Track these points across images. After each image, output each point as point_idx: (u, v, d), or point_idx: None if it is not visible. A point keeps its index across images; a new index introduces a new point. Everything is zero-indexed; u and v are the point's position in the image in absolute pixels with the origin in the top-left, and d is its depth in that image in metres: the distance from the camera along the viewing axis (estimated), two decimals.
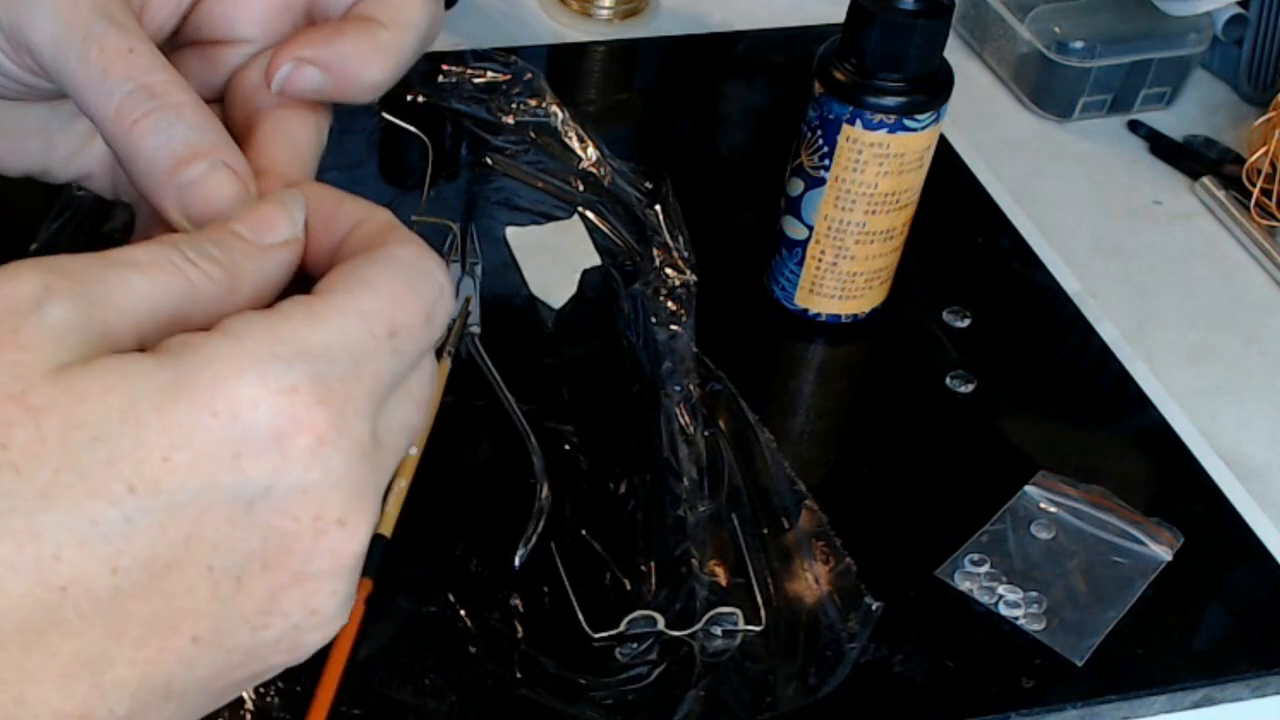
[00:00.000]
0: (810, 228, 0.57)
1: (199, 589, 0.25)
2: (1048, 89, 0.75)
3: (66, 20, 0.30)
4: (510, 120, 0.68)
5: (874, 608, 0.49)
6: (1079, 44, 0.73)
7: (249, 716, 0.44)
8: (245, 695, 0.44)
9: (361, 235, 0.30)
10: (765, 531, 0.52)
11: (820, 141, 0.55)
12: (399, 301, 0.28)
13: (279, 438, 0.25)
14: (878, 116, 0.53)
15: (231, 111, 0.36)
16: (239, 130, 0.36)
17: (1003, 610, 0.50)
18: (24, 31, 0.30)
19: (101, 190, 0.38)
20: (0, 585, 0.24)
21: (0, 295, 0.25)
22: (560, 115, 0.69)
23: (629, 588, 0.49)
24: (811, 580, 0.51)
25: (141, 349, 0.26)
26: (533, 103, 0.69)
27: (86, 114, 0.32)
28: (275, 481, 0.25)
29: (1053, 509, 0.54)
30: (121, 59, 0.31)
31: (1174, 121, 0.76)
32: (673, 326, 0.59)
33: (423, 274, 0.29)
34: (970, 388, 0.59)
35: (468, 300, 0.58)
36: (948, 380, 0.59)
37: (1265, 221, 0.69)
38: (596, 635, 0.48)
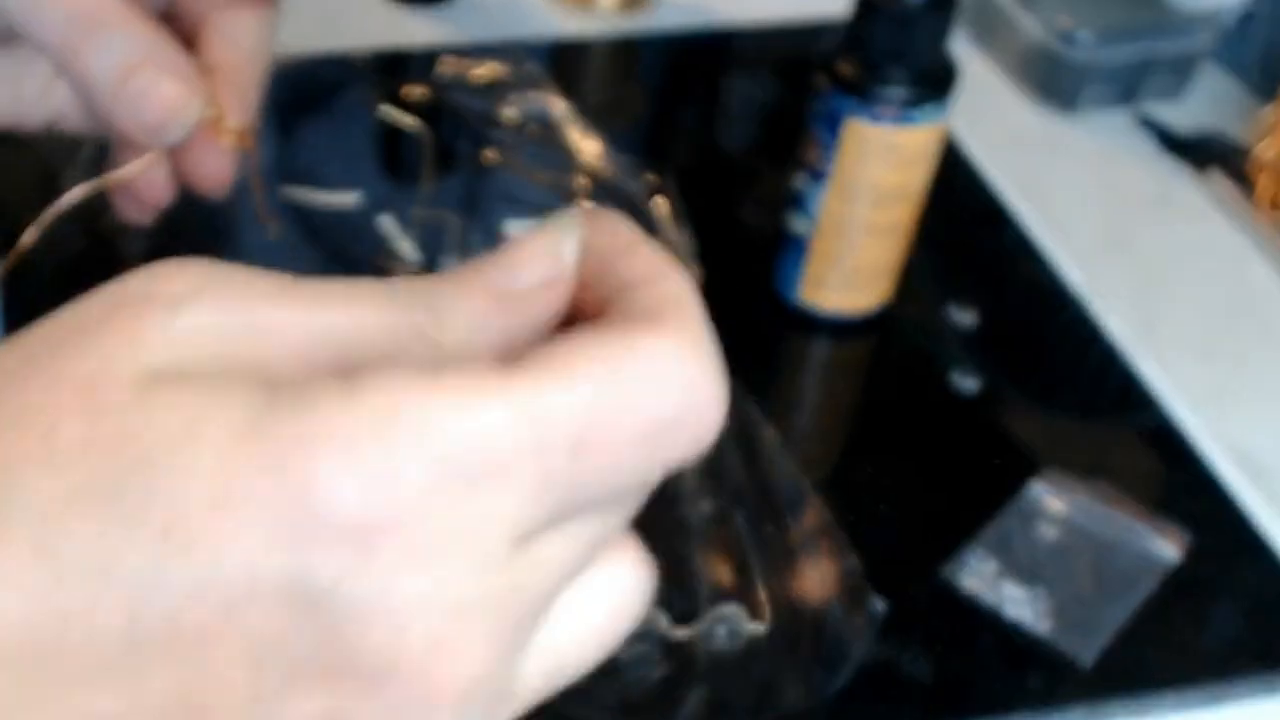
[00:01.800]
0: (814, 222, 0.57)
1: (235, 674, 0.20)
2: (1054, 82, 0.74)
3: None
4: (511, 114, 0.68)
5: (879, 607, 0.49)
6: (1086, 37, 0.72)
7: None
8: None
9: (636, 302, 0.22)
10: (769, 530, 0.51)
11: (824, 135, 0.54)
12: (609, 417, 0.21)
13: (355, 530, 0.20)
14: (882, 111, 0.53)
15: (179, 21, 0.38)
16: (188, 36, 0.37)
17: (1008, 609, 0.50)
18: None
19: (78, 127, 0.38)
20: (5, 599, 0.20)
21: (147, 281, 0.21)
22: (561, 109, 0.68)
23: None
24: (816, 579, 0.50)
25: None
26: (533, 97, 0.69)
27: (36, 45, 0.33)
28: (344, 579, 0.20)
29: (1059, 507, 0.53)
30: None
31: (1182, 115, 0.75)
32: None
33: (684, 397, 0.21)
34: (976, 384, 0.58)
35: None
36: (953, 377, 0.59)
37: (1273, 216, 0.69)
38: None
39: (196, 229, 0.61)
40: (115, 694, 0.20)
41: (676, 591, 0.49)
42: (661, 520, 0.51)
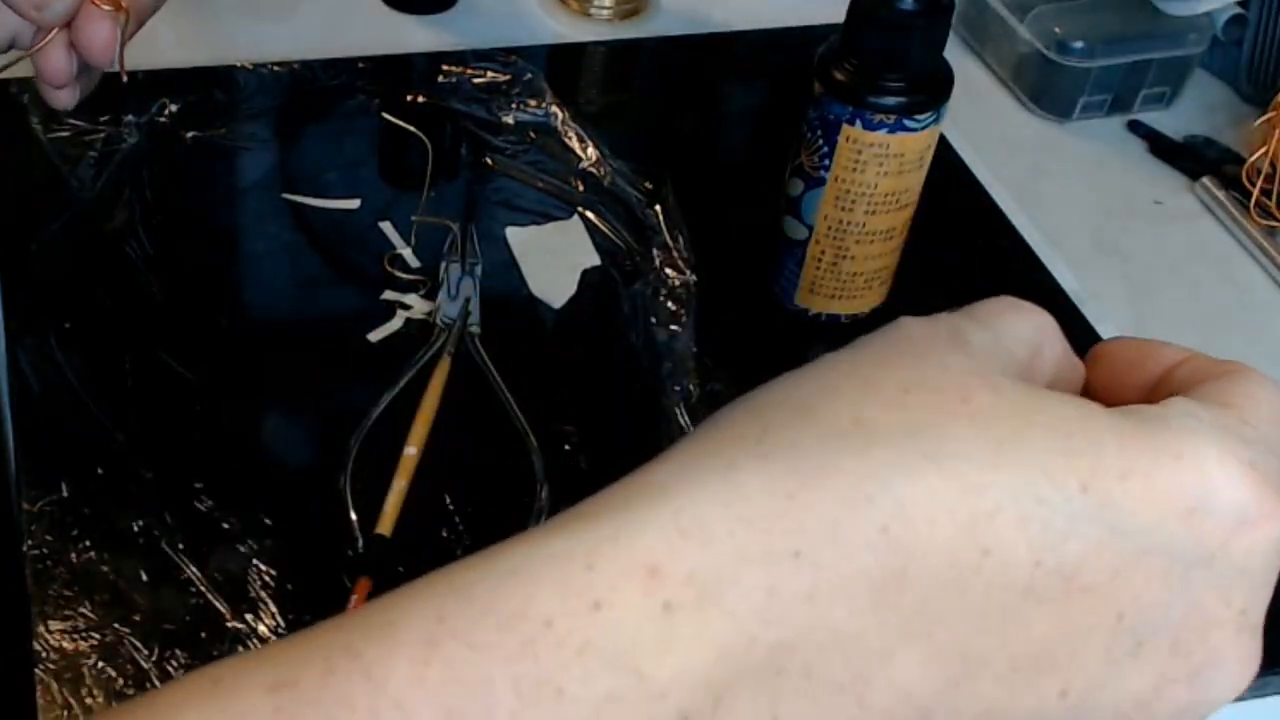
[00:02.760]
0: (810, 228, 0.57)
1: (1097, 635, 0.23)
2: (1048, 89, 0.75)
3: None
4: (510, 120, 0.68)
5: None
6: (1079, 44, 0.73)
7: None
8: None
9: (1192, 370, 0.28)
10: None
11: (820, 141, 0.55)
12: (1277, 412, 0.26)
13: (1240, 509, 0.23)
14: (878, 116, 0.53)
15: None
16: None
17: None
18: None
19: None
20: (930, 523, 0.22)
21: (927, 325, 0.26)
22: (560, 115, 0.69)
23: None
24: None
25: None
26: (532, 103, 0.69)
27: None
28: (1220, 554, 0.24)
29: None
30: None
31: (1174, 121, 0.76)
32: (672, 327, 0.59)
33: None
34: None
35: (467, 300, 0.58)
36: None
37: (1265, 222, 0.69)
38: None
39: (198, 232, 0.61)
40: (995, 631, 0.23)
41: None
42: None
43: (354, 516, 0.49)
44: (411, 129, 0.67)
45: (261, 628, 0.46)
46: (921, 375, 0.24)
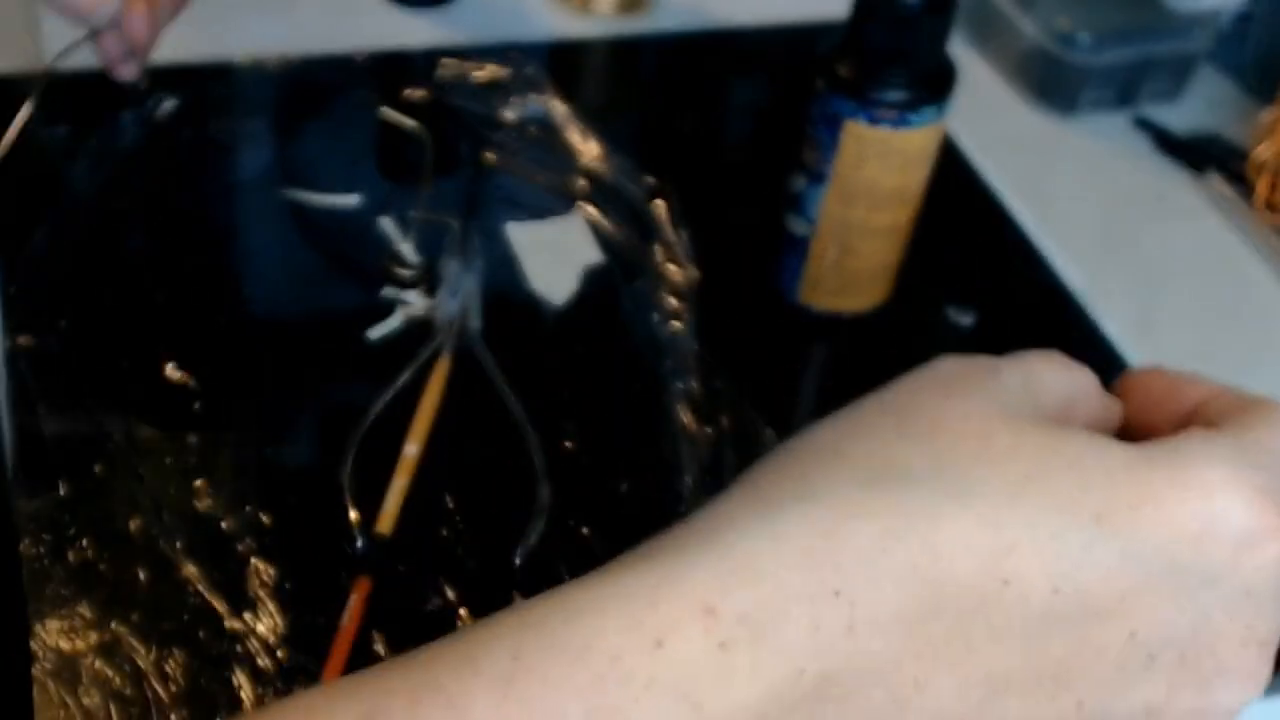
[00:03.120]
0: (813, 224, 0.57)
1: (1110, 651, 0.25)
2: (1052, 85, 0.75)
3: None
4: (510, 116, 0.68)
5: None
6: (1084, 39, 0.72)
7: None
8: (244, 696, 0.44)
9: (1220, 405, 0.30)
10: None
11: (823, 137, 0.55)
12: None
13: (1246, 532, 0.25)
14: (880, 112, 0.53)
15: None
16: None
17: None
18: None
19: None
20: (953, 558, 0.24)
21: (961, 365, 0.29)
22: (561, 111, 0.69)
23: None
24: None
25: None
26: (533, 98, 0.69)
27: None
28: (1226, 574, 0.25)
29: None
30: None
31: (1179, 117, 0.76)
32: (674, 324, 0.59)
33: None
34: None
35: (468, 297, 0.58)
36: None
37: (1271, 217, 0.69)
38: None
39: (196, 229, 0.61)
40: (1018, 653, 0.25)
41: None
42: (661, 520, 0.51)
43: (354, 515, 0.49)
44: (411, 124, 0.66)
45: (260, 627, 0.46)
46: (947, 415, 0.27)
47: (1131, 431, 0.31)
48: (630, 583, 0.25)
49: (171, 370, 0.54)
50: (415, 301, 0.58)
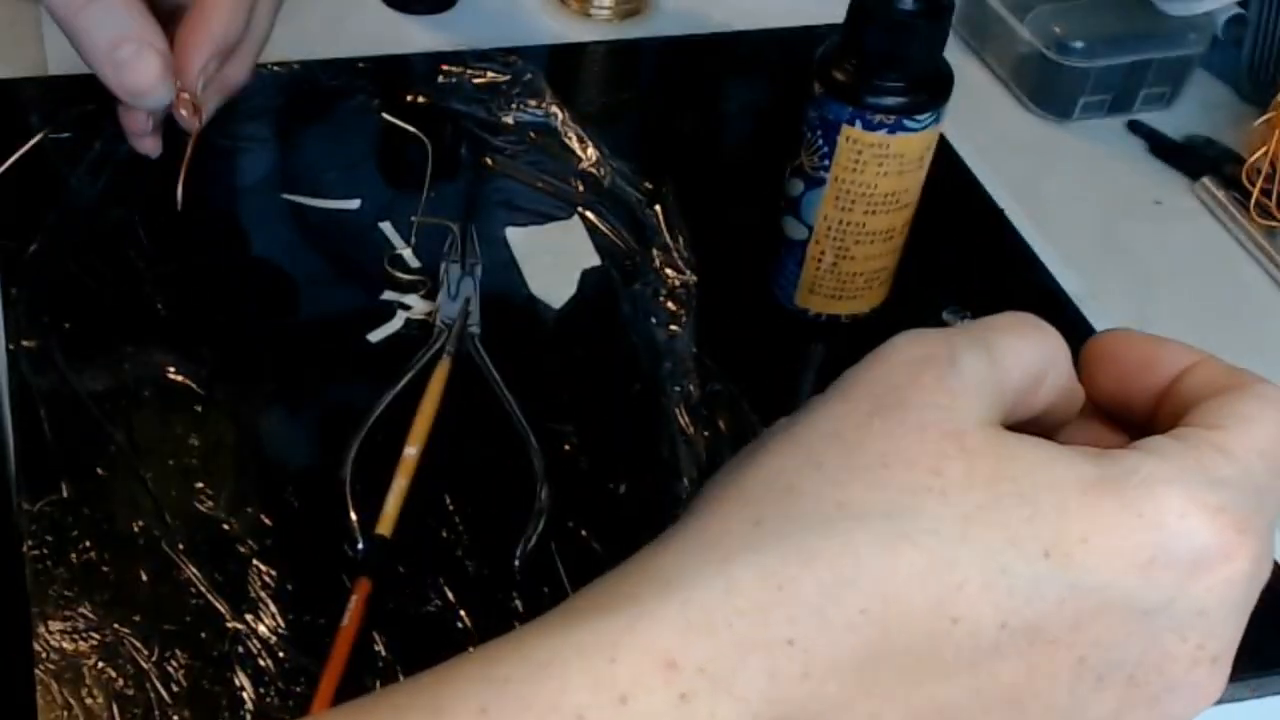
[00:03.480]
0: (810, 228, 0.57)
1: (1060, 676, 0.26)
2: (1048, 89, 0.75)
3: None
4: (510, 121, 0.68)
5: None
6: (1079, 44, 0.73)
7: (249, 717, 0.44)
8: (245, 695, 0.44)
9: (1202, 377, 0.30)
10: None
11: (820, 142, 0.55)
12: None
13: (1200, 554, 0.25)
14: (877, 117, 0.53)
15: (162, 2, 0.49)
16: (167, 15, 0.48)
17: None
18: None
19: None
20: (904, 600, 0.25)
21: (919, 349, 0.28)
22: (560, 115, 0.69)
23: None
24: None
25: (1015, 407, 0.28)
26: (532, 103, 0.69)
27: (46, 8, 0.44)
28: (1178, 597, 0.26)
29: None
30: None
31: (1174, 121, 0.76)
32: (672, 327, 0.59)
33: None
34: None
35: (467, 300, 0.58)
36: None
37: (1265, 222, 0.69)
38: None
39: (197, 232, 0.61)
40: (964, 685, 0.25)
41: None
42: (660, 522, 0.51)
43: (354, 516, 0.49)
44: (411, 129, 0.67)
45: (261, 628, 0.46)
46: (898, 443, 0.26)
47: (1104, 403, 0.31)
48: (588, 638, 0.25)
49: (173, 373, 0.54)
50: (415, 304, 0.59)
